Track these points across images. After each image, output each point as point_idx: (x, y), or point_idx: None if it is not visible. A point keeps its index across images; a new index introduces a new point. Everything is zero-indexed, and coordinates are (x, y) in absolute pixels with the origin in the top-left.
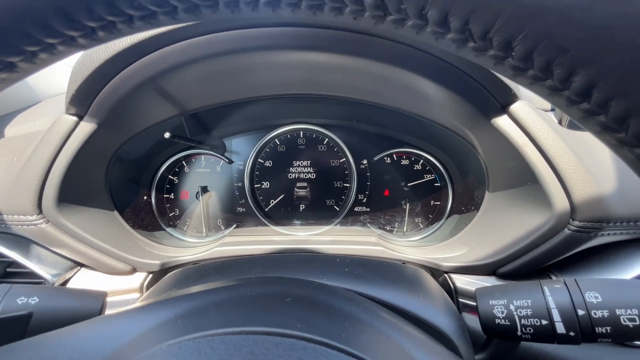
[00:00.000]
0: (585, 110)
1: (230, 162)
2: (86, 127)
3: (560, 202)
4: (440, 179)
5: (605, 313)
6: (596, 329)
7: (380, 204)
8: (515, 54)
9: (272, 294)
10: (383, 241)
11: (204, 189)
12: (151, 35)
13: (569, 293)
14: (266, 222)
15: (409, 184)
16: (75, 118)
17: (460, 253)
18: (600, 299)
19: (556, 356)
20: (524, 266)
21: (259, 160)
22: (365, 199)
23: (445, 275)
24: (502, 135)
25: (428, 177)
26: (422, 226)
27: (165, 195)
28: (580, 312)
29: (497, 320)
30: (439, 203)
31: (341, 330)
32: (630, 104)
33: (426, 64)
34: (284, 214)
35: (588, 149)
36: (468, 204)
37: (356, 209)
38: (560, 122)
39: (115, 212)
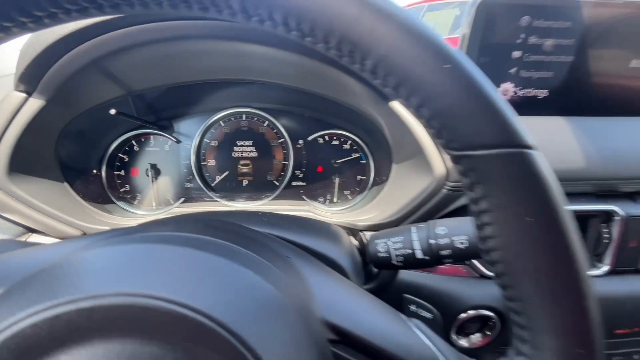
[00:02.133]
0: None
1: (178, 141)
2: (35, 103)
3: (439, 168)
4: (365, 156)
5: (447, 240)
6: (440, 252)
7: (314, 178)
8: (349, 58)
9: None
10: (313, 209)
11: (154, 166)
12: (95, 21)
13: (427, 229)
14: (212, 196)
15: (338, 161)
16: (24, 95)
17: (373, 215)
18: (446, 231)
19: (425, 284)
20: (417, 221)
21: (205, 140)
22: (301, 174)
23: (360, 233)
24: (398, 116)
25: (354, 155)
26: (350, 198)
27: (115, 172)
28: (432, 242)
29: (379, 254)
30: (364, 177)
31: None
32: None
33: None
34: (229, 189)
35: None
36: (383, 176)
37: (293, 183)
38: None
39: (65, 184)
